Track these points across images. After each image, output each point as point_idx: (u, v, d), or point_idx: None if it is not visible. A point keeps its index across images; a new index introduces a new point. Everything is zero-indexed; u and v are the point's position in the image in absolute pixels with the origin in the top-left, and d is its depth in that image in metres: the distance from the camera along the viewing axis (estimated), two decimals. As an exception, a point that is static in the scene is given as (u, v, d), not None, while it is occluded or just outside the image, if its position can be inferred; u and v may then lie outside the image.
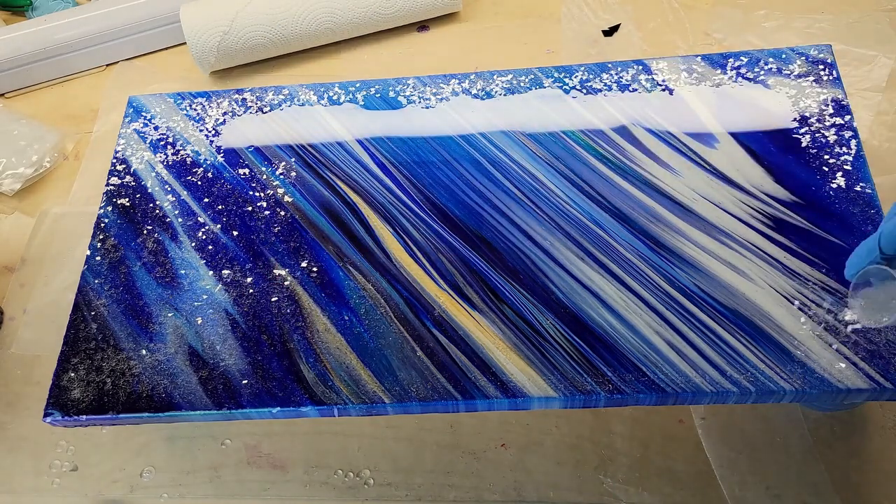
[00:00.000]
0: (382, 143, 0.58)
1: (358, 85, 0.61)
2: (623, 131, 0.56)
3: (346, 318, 0.49)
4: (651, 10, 0.78)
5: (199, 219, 0.55)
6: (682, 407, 0.54)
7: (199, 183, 0.57)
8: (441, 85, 0.60)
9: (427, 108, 0.59)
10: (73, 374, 0.48)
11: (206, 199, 0.56)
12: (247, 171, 0.57)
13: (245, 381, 0.47)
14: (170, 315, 0.50)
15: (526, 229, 0.52)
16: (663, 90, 0.58)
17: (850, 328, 0.45)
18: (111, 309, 0.51)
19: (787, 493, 0.51)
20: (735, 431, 0.53)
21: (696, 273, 0.48)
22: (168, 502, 0.55)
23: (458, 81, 0.60)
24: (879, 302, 0.43)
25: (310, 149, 0.58)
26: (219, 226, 0.54)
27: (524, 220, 0.52)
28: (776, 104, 0.56)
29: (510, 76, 0.60)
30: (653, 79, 0.58)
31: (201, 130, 0.60)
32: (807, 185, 0.51)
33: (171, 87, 0.79)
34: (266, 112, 0.61)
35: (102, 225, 0.55)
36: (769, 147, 0.53)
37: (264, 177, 0.57)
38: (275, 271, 0.52)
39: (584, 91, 0.59)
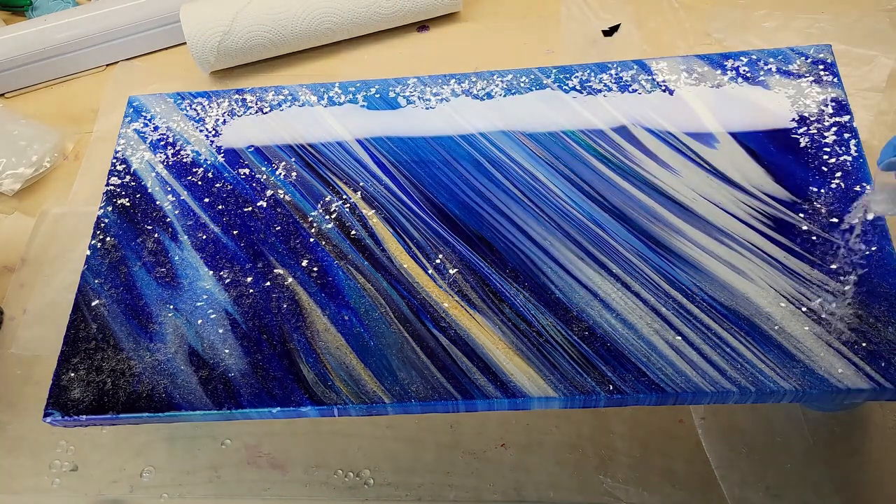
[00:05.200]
0: (382, 143, 0.58)
1: (358, 85, 0.61)
2: (623, 131, 0.56)
3: (346, 318, 0.49)
4: (651, 10, 0.78)
5: (199, 219, 0.55)
6: (682, 407, 0.54)
7: (199, 183, 0.57)
8: (441, 85, 0.60)
9: (427, 108, 0.59)
10: (73, 374, 0.48)
11: (206, 199, 0.56)
12: (247, 171, 0.57)
13: (245, 381, 0.47)
14: (170, 315, 0.50)
15: (526, 229, 0.52)
16: (663, 90, 0.58)
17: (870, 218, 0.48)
18: (111, 309, 0.51)
19: (787, 493, 0.51)
20: (735, 431, 0.53)
21: (696, 273, 0.48)
22: (168, 502, 0.55)
23: (457, 81, 0.60)
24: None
25: (310, 149, 0.58)
26: (219, 226, 0.54)
27: (524, 220, 0.52)
28: (776, 104, 0.56)
29: (510, 76, 0.60)
30: (653, 79, 0.58)
31: (201, 130, 0.60)
32: (807, 185, 0.51)
33: (171, 87, 0.79)
34: (266, 112, 0.61)
35: (102, 225, 0.55)
36: (769, 147, 0.53)
37: (264, 177, 0.57)
38: (275, 271, 0.52)
39: (584, 91, 0.59)
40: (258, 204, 0.55)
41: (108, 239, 0.55)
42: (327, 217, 0.54)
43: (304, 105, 0.61)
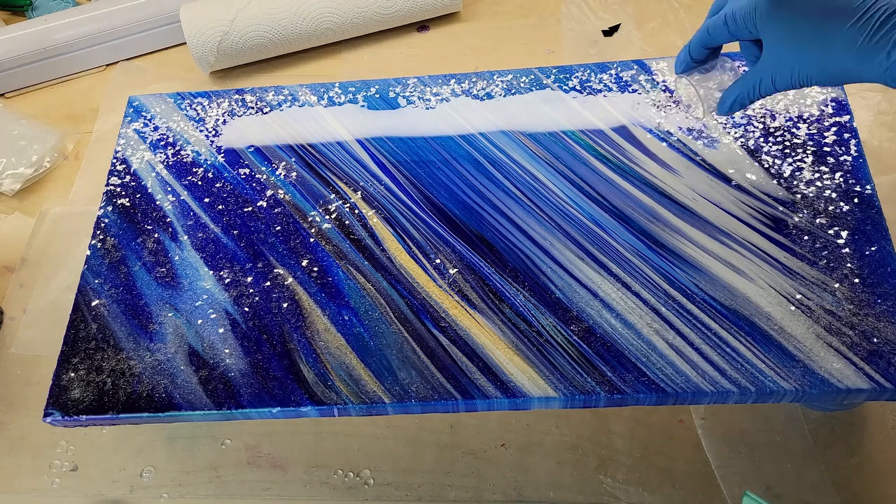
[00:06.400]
0: (382, 143, 0.58)
1: (358, 85, 0.61)
2: (623, 131, 0.56)
3: (346, 318, 0.49)
4: (651, 10, 0.78)
5: (199, 219, 0.55)
6: (682, 407, 0.54)
7: (200, 183, 0.57)
8: (441, 85, 0.60)
9: (427, 108, 0.59)
10: (73, 374, 0.48)
11: (206, 199, 0.56)
12: (247, 171, 0.57)
13: (245, 381, 0.47)
14: (170, 315, 0.50)
15: (526, 229, 0.52)
16: (663, 90, 0.58)
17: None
18: (111, 309, 0.51)
19: (787, 493, 0.51)
20: (735, 431, 0.53)
21: (696, 273, 0.48)
22: (168, 502, 0.55)
23: (457, 81, 0.60)
24: (693, 97, 0.50)
25: (310, 149, 0.58)
26: (219, 226, 0.54)
27: (524, 220, 0.52)
28: (775, 104, 0.56)
29: (510, 76, 0.60)
30: (653, 79, 0.58)
31: (201, 130, 0.60)
32: (807, 185, 0.51)
33: (171, 87, 0.79)
34: (266, 112, 0.61)
35: (102, 225, 0.55)
36: (769, 147, 0.53)
37: (264, 177, 0.57)
38: (275, 271, 0.52)
39: (584, 91, 0.59)
40: (258, 204, 0.55)
41: (108, 239, 0.55)
42: (327, 217, 0.54)
43: (304, 105, 0.61)
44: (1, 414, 0.60)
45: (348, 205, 0.55)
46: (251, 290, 0.51)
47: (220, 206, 0.55)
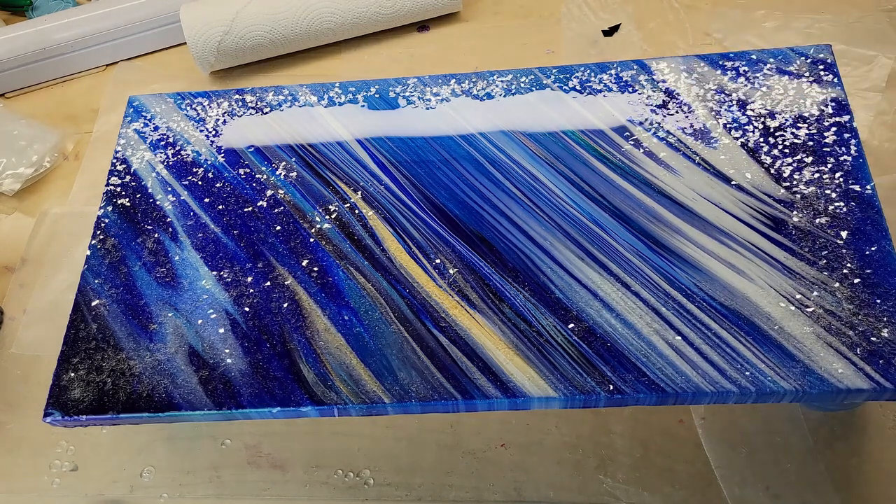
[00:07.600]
0: (382, 143, 0.58)
1: (358, 85, 0.61)
2: (623, 131, 0.56)
3: (346, 318, 0.49)
4: (651, 10, 0.78)
5: (199, 219, 0.55)
6: (682, 407, 0.54)
7: (200, 183, 0.57)
8: (441, 85, 0.60)
9: (427, 108, 0.59)
10: (73, 374, 0.48)
11: (206, 199, 0.56)
12: (247, 171, 0.57)
13: (245, 381, 0.47)
14: (170, 315, 0.50)
15: (526, 229, 0.52)
16: (663, 90, 0.58)
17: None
18: (111, 309, 0.51)
19: (787, 493, 0.51)
20: (735, 431, 0.53)
21: (696, 273, 0.48)
22: (168, 502, 0.55)
23: (457, 82, 0.60)
24: None
25: (310, 149, 0.58)
26: (219, 226, 0.54)
27: (524, 220, 0.52)
28: (775, 104, 0.56)
29: (510, 76, 0.60)
30: (653, 79, 0.58)
31: (201, 130, 0.60)
32: (807, 185, 0.51)
33: (172, 87, 0.79)
34: (266, 112, 0.61)
35: (102, 225, 0.55)
36: (769, 147, 0.53)
37: (264, 177, 0.57)
38: (275, 271, 0.52)
39: (584, 91, 0.59)
40: (258, 204, 0.55)
41: (108, 239, 0.55)
42: (327, 217, 0.54)
43: (304, 105, 0.61)
44: (1, 414, 0.60)
45: (348, 205, 0.55)
46: (251, 290, 0.51)
47: (220, 206, 0.56)
